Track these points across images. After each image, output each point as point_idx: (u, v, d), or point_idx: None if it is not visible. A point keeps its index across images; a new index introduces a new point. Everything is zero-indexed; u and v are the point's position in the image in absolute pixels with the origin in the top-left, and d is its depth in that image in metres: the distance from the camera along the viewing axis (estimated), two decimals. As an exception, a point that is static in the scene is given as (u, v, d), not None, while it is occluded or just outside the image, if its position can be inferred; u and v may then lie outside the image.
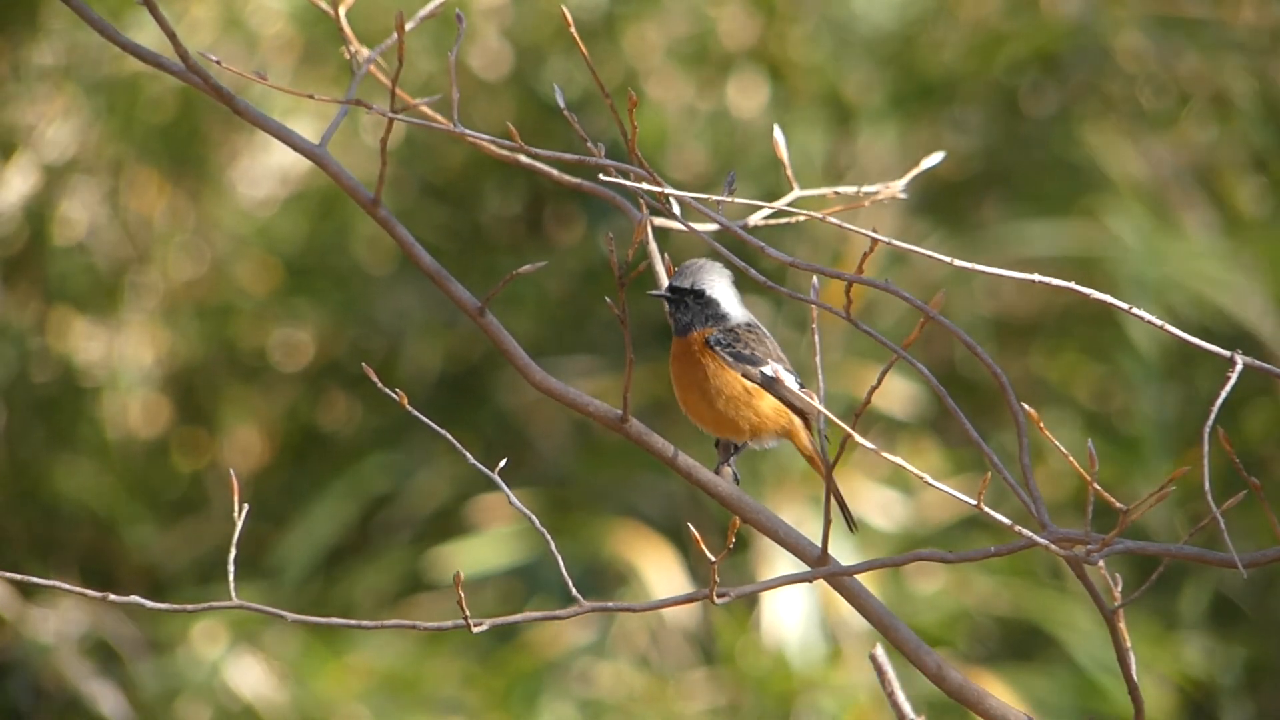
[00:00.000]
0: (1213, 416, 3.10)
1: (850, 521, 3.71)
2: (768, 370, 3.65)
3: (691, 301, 3.65)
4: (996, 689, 7.52)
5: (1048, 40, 8.51)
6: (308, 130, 8.15)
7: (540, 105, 8.48)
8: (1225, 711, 8.24)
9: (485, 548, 8.11)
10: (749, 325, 3.67)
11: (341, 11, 3.66)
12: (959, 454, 8.15)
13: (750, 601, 7.81)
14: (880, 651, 3.56)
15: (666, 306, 3.68)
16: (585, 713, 7.71)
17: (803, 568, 3.75)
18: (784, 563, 7.74)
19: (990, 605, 7.97)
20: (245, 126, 8.50)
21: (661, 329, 8.08)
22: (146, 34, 7.86)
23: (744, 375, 3.65)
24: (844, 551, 7.50)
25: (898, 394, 8.12)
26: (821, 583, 7.02)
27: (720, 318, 3.66)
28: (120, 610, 8.15)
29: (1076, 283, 3.26)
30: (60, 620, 8.17)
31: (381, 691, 7.69)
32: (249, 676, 7.83)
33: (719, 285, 3.66)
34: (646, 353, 7.97)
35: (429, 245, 3.52)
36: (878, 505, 7.90)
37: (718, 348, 3.64)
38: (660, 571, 8.00)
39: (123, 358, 8.57)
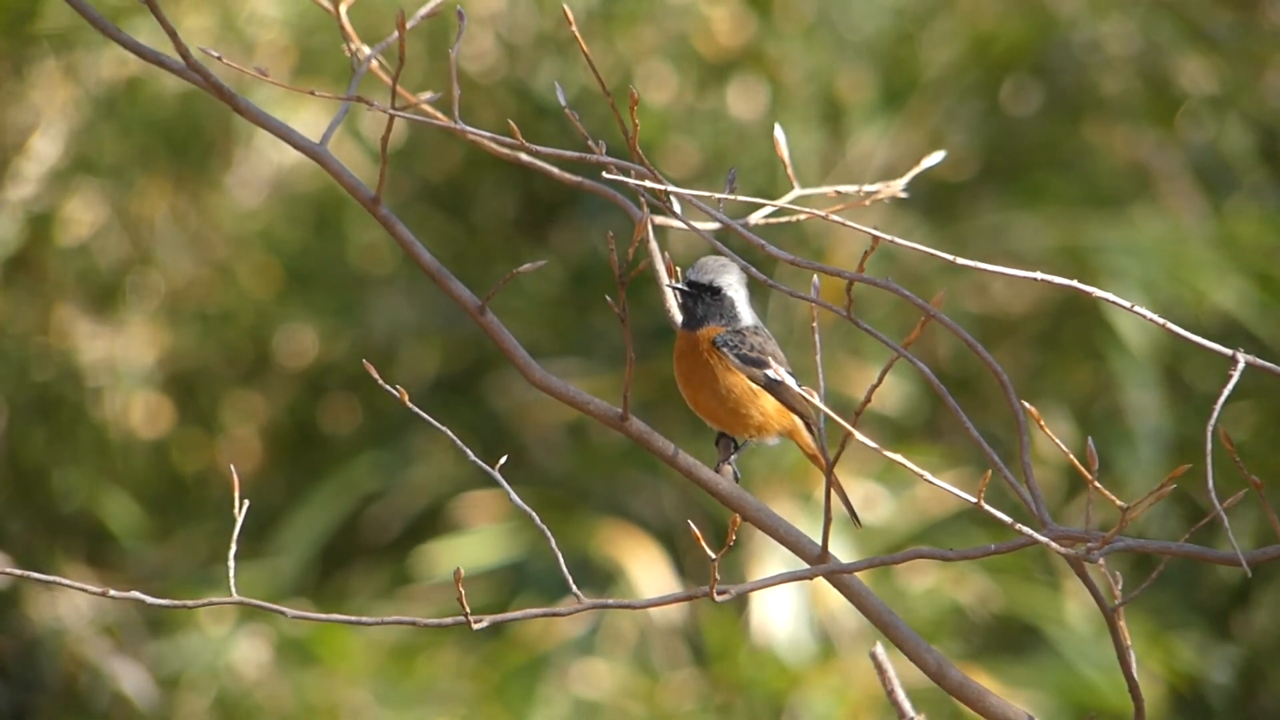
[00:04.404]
0: (1215, 415, 3.09)
1: (855, 517, 3.72)
2: (771, 373, 3.66)
3: (709, 298, 3.66)
4: (985, 684, 7.52)
5: (1037, 33, 8.51)
6: (306, 135, 8.12)
7: (533, 107, 8.47)
8: (1216, 708, 8.25)
9: (474, 545, 8.11)
10: (755, 328, 3.68)
11: (343, 10, 3.65)
12: (945, 449, 8.15)
13: (740, 600, 7.81)
14: (880, 650, 3.56)
15: (679, 299, 3.68)
16: (577, 711, 7.70)
17: (798, 565, 3.75)
18: (776, 561, 7.74)
19: (982, 601, 7.97)
20: (245, 129, 8.49)
21: (652, 332, 8.08)
22: (147, 36, 7.85)
23: (749, 378, 3.65)
24: (839, 549, 7.50)
25: (883, 390, 8.12)
26: (811, 581, 7.01)
27: (732, 318, 3.66)
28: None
29: (1062, 278, 3.25)
30: (68, 604, 8.20)
31: (382, 676, 7.69)
32: (254, 655, 7.84)
33: (735, 285, 3.67)
34: (637, 353, 7.96)
35: (424, 247, 3.52)
36: (868, 502, 7.90)
37: (724, 349, 3.64)
38: (647, 570, 8.00)
39: (124, 359, 8.56)
